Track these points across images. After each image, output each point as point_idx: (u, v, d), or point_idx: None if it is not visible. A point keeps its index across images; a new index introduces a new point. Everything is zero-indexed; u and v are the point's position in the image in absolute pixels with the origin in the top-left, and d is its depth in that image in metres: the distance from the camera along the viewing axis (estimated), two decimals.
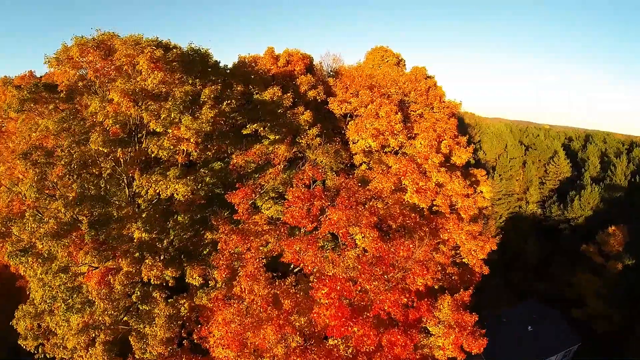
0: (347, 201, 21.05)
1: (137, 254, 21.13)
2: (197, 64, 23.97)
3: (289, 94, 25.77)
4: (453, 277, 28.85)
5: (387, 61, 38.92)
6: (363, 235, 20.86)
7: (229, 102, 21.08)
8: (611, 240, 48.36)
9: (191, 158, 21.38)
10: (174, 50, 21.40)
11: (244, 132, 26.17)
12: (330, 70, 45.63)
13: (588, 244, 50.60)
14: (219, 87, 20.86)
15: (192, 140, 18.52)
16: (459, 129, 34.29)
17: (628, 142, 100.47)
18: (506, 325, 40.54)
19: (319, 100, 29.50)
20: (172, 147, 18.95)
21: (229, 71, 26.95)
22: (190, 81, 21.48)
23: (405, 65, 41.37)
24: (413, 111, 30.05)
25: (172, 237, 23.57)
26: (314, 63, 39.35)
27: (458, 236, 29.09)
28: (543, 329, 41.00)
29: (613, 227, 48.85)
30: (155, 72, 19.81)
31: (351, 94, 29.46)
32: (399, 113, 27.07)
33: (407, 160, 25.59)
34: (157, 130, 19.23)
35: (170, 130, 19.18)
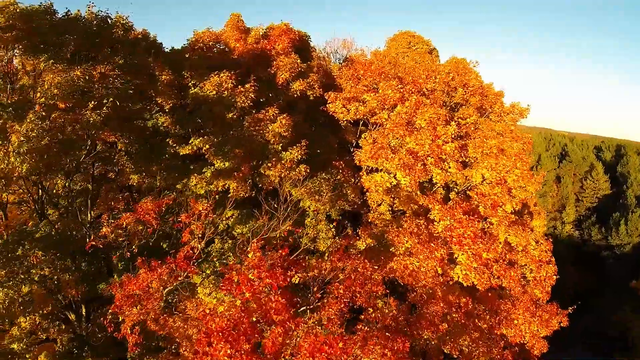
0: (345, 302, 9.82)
1: None
2: (89, 36, 12.98)
3: (248, 85, 14.30)
4: None
5: (416, 49, 27.44)
6: None
7: (105, 102, 9.76)
8: None
9: None
10: (11, 8, 10.36)
11: (182, 151, 15.10)
12: (339, 60, 34.06)
13: (639, 280, 43.48)
14: (97, 72, 9.70)
15: None
16: None
17: None
18: None
19: (312, 98, 18.03)
20: None
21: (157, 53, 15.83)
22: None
23: (438, 55, 30.00)
24: (462, 118, 18.49)
25: None
26: (314, 47, 27.89)
27: (528, 328, 18.48)
28: None
29: None
30: None
31: (365, 87, 17.74)
32: (453, 123, 15.67)
33: (462, 212, 14.13)
34: None
35: None
